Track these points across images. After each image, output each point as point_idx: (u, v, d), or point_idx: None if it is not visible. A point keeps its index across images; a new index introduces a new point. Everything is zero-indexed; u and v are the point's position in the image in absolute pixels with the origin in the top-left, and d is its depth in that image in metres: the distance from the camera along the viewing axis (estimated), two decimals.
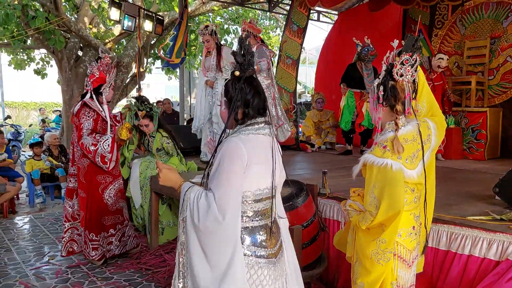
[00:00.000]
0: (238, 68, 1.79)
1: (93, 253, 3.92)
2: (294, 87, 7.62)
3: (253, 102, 1.79)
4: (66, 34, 9.53)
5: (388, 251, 2.01)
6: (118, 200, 4.08)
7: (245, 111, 1.79)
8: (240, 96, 1.77)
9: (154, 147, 4.57)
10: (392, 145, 1.97)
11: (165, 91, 28.78)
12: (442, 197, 3.31)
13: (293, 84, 7.60)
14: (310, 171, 5.04)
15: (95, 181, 3.91)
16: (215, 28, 5.30)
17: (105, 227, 3.99)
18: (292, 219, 3.04)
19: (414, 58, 1.99)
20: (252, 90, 1.79)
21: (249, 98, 1.78)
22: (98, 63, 3.89)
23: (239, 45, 1.80)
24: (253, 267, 1.74)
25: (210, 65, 5.35)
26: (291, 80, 7.59)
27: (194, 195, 1.70)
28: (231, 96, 1.80)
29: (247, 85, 1.79)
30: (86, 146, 3.77)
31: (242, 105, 1.79)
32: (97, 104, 3.86)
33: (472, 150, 6.16)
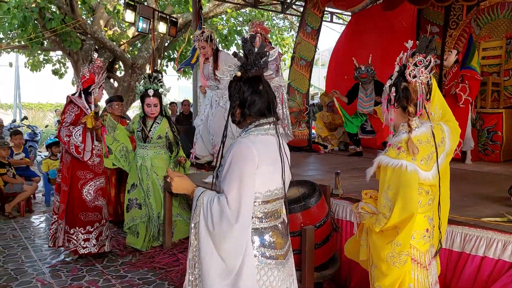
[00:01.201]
0: (240, 69, 1.78)
1: (66, 244, 4.04)
2: (307, 88, 7.62)
3: (252, 102, 1.77)
4: (82, 36, 9.68)
5: (404, 253, 1.99)
6: (97, 197, 4.13)
7: (243, 112, 1.78)
8: (238, 96, 1.77)
9: (156, 133, 4.42)
10: (407, 147, 1.96)
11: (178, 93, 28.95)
12: (456, 198, 3.28)
13: (306, 85, 7.60)
14: (322, 172, 5.03)
15: (76, 176, 4.03)
16: (211, 34, 5.09)
17: (82, 222, 4.04)
18: (305, 219, 3.05)
19: (428, 59, 1.98)
20: (251, 90, 1.76)
21: (246, 98, 1.76)
22: (90, 66, 4.16)
23: (242, 45, 1.78)
24: (263, 269, 1.74)
25: (208, 73, 5.18)
26: (304, 81, 7.59)
27: (207, 200, 1.71)
28: (230, 95, 1.81)
29: (247, 85, 1.77)
30: (62, 137, 3.96)
31: (239, 105, 1.79)
32: (84, 102, 4.05)
33: (487, 152, 6.08)
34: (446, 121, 2.16)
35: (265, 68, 1.81)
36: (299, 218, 3.06)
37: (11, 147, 6.65)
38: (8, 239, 4.92)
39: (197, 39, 5.05)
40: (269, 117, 1.80)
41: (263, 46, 1.83)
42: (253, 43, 1.78)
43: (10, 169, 6.15)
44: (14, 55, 17.16)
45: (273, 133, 1.79)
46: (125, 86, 10.77)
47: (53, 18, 8.46)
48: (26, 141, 10.42)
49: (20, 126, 11.89)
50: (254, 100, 1.77)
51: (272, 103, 1.80)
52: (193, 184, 1.85)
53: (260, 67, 1.79)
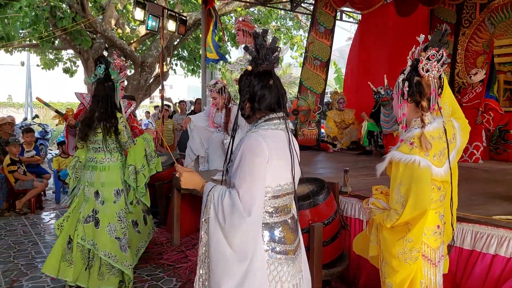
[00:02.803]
0: (251, 63, 1.77)
1: None
2: (322, 88, 7.54)
3: (262, 96, 1.76)
4: (92, 34, 9.75)
5: (415, 250, 1.97)
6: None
7: (253, 106, 1.78)
8: (248, 90, 1.77)
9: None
10: (420, 142, 1.94)
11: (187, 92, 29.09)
12: (467, 197, 3.25)
13: (321, 85, 7.53)
14: (331, 170, 5.01)
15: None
16: (224, 86, 4.95)
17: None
18: (313, 216, 3.04)
19: (440, 53, 1.96)
20: (261, 85, 1.76)
21: (256, 92, 1.76)
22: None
23: (254, 40, 1.77)
24: (273, 263, 1.74)
25: (220, 123, 5.03)
26: (319, 81, 7.53)
27: (218, 194, 1.70)
28: (240, 89, 1.80)
29: (257, 79, 1.77)
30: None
31: (249, 100, 1.78)
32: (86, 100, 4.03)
33: (499, 151, 6.01)
34: (457, 118, 2.14)
35: (276, 63, 1.81)
36: (307, 215, 3.05)
37: (22, 144, 6.72)
38: (19, 235, 4.97)
39: (209, 88, 4.96)
40: (278, 112, 1.79)
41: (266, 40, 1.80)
42: (265, 38, 1.77)
43: (21, 166, 6.22)
44: (25, 54, 17.37)
45: (282, 128, 1.78)
46: (134, 84, 10.83)
47: (64, 16, 8.54)
48: (37, 139, 10.52)
49: (31, 125, 12.03)
50: (264, 95, 1.77)
51: (282, 97, 1.80)
52: (203, 179, 1.84)
53: (271, 61, 1.79)
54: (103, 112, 3.36)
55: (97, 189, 3.41)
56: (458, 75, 7.23)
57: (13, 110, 22.59)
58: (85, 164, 3.50)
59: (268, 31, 1.82)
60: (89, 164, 3.45)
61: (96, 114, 3.36)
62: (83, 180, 3.48)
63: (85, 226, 3.33)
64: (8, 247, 4.50)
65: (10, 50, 11.18)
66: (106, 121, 3.36)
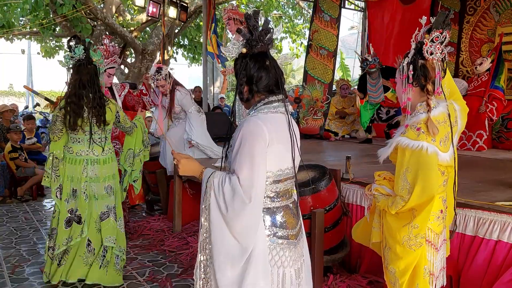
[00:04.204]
0: (245, 45, 1.73)
1: None
2: (330, 78, 7.45)
3: (259, 78, 1.73)
4: (93, 21, 9.68)
5: (420, 236, 1.96)
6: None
7: (251, 88, 1.74)
8: (245, 73, 1.73)
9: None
10: (426, 127, 1.91)
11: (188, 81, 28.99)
12: (470, 184, 3.23)
13: (329, 75, 7.44)
14: (333, 158, 4.99)
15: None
16: (169, 71, 4.63)
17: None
18: (315, 202, 3.03)
19: (444, 35, 1.92)
20: (257, 66, 1.72)
21: (253, 74, 1.72)
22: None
23: (246, 21, 1.73)
24: (275, 248, 1.72)
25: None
26: (327, 71, 7.43)
27: (217, 181, 1.67)
28: (237, 73, 1.76)
29: (253, 61, 1.73)
30: None
31: (246, 82, 1.74)
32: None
33: (501, 139, 5.98)
34: (455, 100, 2.11)
35: (270, 44, 1.77)
36: (309, 201, 3.04)
37: (23, 131, 6.71)
38: (21, 222, 4.98)
39: (154, 78, 4.57)
40: (277, 94, 1.76)
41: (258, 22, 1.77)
42: (257, 19, 1.73)
43: (22, 154, 6.21)
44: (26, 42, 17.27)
45: (282, 111, 1.75)
46: (135, 72, 10.77)
47: (64, 3, 8.46)
48: (38, 128, 10.53)
49: (32, 113, 12.01)
50: (261, 76, 1.73)
51: (280, 78, 1.76)
52: (201, 166, 1.81)
53: (266, 43, 1.74)
54: (92, 99, 3.08)
55: (109, 183, 3.26)
56: (463, 63, 7.15)
57: (14, 99, 22.57)
58: (74, 158, 3.16)
59: (260, 12, 1.78)
60: (85, 158, 3.16)
61: (84, 100, 3.06)
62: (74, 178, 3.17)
63: (102, 223, 3.20)
64: (10, 233, 4.51)
65: (10, 38, 11.12)
66: (97, 109, 3.11)
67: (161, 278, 3.37)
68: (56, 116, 3.09)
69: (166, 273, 3.49)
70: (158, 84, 4.55)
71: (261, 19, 1.76)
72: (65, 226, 3.15)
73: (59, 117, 3.09)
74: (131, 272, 3.51)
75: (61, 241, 3.15)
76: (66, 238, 3.15)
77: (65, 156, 3.19)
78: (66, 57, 3.16)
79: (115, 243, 3.23)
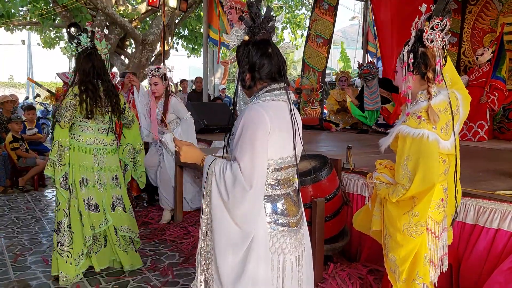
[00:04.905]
0: (247, 32, 1.72)
1: None
2: (323, 66, 7.45)
3: (262, 65, 1.72)
4: (93, 11, 9.63)
5: (421, 224, 1.97)
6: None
7: (253, 75, 1.74)
8: (247, 60, 1.72)
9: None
10: (427, 115, 1.91)
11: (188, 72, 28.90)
12: (471, 173, 3.24)
13: (323, 63, 7.43)
14: (334, 148, 4.99)
15: None
16: (168, 72, 4.42)
17: None
18: (315, 192, 3.04)
19: (444, 22, 1.91)
20: (260, 53, 1.72)
21: (255, 61, 1.72)
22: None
23: (248, 8, 1.72)
24: (275, 235, 1.73)
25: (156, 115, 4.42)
26: (321, 59, 7.42)
27: (218, 168, 1.67)
28: (239, 60, 1.75)
29: (255, 48, 1.72)
30: None
31: (249, 69, 1.74)
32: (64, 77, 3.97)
33: (503, 130, 5.97)
34: (458, 89, 2.11)
35: (272, 32, 1.76)
36: (309, 191, 3.04)
37: (24, 122, 6.71)
38: (22, 211, 5.01)
39: (150, 74, 4.32)
40: (280, 82, 1.76)
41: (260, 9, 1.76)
42: (259, 7, 1.72)
43: (23, 144, 6.22)
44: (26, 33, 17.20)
45: (284, 99, 1.75)
46: (135, 62, 10.74)
47: None
48: (39, 118, 10.53)
49: (33, 104, 12.00)
50: (263, 64, 1.72)
51: (282, 66, 1.76)
52: (202, 153, 1.82)
53: (268, 30, 1.74)
54: (108, 87, 3.11)
55: (115, 173, 3.28)
56: (464, 53, 7.11)
57: (15, 90, 22.52)
58: (84, 147, 3.13)
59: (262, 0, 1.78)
60: (95, 147, 3.16)
61: (100, 89, 3.08)
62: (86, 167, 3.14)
63: (113, 214, 3.22)
64: (12, 223, 4.53)
65: (10, 28, 11.07)
66: (113, 97, 3.13)
67: (163, 267, 3.39)
68: (69, 103, 3.01)
69: (167, 262, 3.51)
70: (152, 81, 4.31)
71: (263, 7, 1.75)
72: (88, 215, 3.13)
73: (72, 103, 3.01)
74: None
75: (89, 232, 3.12)
76: (91, 225, 3.14)
77: (73, 144, 3.12)
78: (70, 45, 3.10)
79: (128, 232, 3.30)
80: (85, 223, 3.11)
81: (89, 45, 3.09)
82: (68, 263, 3.07)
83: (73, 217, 3.10)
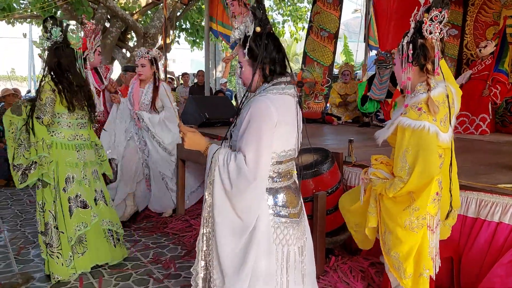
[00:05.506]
0: (258, 24, 1.72)
1: None
2: (330, 61, 7.39)
3: (278, 58, 1.74)
4: (94, 4, 9.59)
5: (422, 217, 1.98)
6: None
7: (271, 68, 1.75)
8: (266, 53, 1.72)
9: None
10: (427, 107, 1.91)
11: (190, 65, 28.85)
12: (473, 167, 3.24)
13: (329, 58, 7.38)
14: (336, 141, 4.99)
15: None
16: (159, 57, 4.27)
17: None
18: (317, 185, 3.04)
19: (443, 14, 1.92)
20: (274, 46, 1.74)
21: (274, 55, 1.73)
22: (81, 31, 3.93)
23: (256, 1, 1.73)
24: (279, 227, 1.75)
25: (140, 100, 4.19)
26: (327, 53, 7.37)
27: (223, 158, 1.68)
28: (256, 54, 1.73)
29: (271, 40, 1.73)
30: None
31: (270, 62, 1.74)
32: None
33: (505, 123, 5.95)
34: (450, 83, 2.12)
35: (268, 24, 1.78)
36: (311, 184, 3.05)
37: None
38: (25, 204, 5.03)
39: (139, 55, 4.16)
40: (286, 76, 1.77)
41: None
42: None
43: None
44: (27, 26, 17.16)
45: (289, 93, 1.76)
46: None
47: None
48: None
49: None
50: (279, 56, 1.75)
51: (287, 59, 1.77)
52: (207, 141, 1.82)
53: (269, 22, 1.75)
54: (80, 82, 3.04)
55: (95, 168, 3.26)
56: (467, 46, 7.07)
57: (17, 84, 22.54)
58: (66, 144, 3.07)
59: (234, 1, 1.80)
60: (76, 143, 3.11)
61: (73, 84, 3.00)
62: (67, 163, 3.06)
63: (96, 208, 3.20)
64: (15, 216, 4.56)
65: (12, 21, 11.05)
66: (85, 92, 3.07)
67: (165, 259, 3.41)
68: (49, 98, 2.93)
69: (169, 254, 3.53)
70: (140, 62, 4.13)
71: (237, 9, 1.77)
72: (70, 216, 3.05)
73: (52, 98, 2.95)
74: (135, 253, 3.55)
75: (72, 232, 3.04)
76: (77, 225, 3.07)
77: (54, 142, 3.04)
78: (41, 38, 3.04)
79: (109, 225, 3.27)
80: (69, 224, 3.03)
81: (59, 40, 3.02)
82: (60, 264, 3.02)
83: (60, 217, 3.04)
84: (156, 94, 4.16)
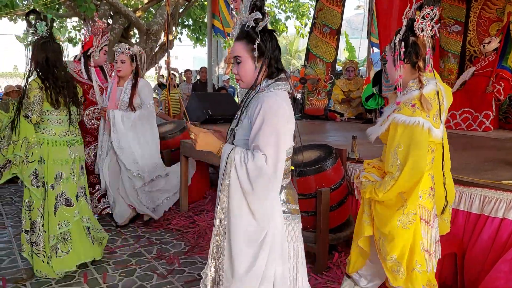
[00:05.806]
0: (261, 20, 1.70)
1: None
2: (333, 57, 7.38)
3: (277, 54, 1.74)
4: (97, 1, 9.59)
5: (412, 212, 1.99)
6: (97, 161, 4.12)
7: (275, 65, 1.74)
8: (272, 50, 1.72)
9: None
10: (420, 104, 1.93)
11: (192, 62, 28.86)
12: (477, 163, 3.24)
13: (332, 54, 7.37)
14: (339, 138, 4.99)
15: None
16: (141, 55, 4.10)
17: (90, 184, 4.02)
18: (320, 181, 3.05)
19: (434, 12, 1.93)
20: (275, 42, 1.73)
21: (277, 51, 1.73)
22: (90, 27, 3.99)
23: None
24: (290, 224, 1.76)
25: (118, 99, 3.99)
26: (330, 50, 7.36)
27: (239, 157, 1.63)
28: (263, 49, 1.70)
29: (271, 37, 1.73)
30: None
31: (273, 59, 1.73)
32: (80, 67, 3.99)
33: (508, 119, 5.93)
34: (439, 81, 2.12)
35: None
36: (315, 181, 3.05)
37: None
38: None
39: (120, 50, 3.95)
40: (284, 72, 1.77)
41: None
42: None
43: None
44: None
45: (287, 89, 1.75)
46: None
47: None
48: None
49: None
50: (278, 53, 1.75)
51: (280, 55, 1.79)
52: (219, 141, 1.75)
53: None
54: (66, 78, 3.01)
55: (82, 163, 3.24)
56: (470, 43, 7.05)
57: (20, 80, 22.56)
58: (57, 140, 3.04)
59: None
60: (68, 139, 3.08)
61: (59, 80, 2.96)
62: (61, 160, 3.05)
63: (77, 204, 3.15)
64: (19, 212, 4.58)
65: (14, 18, 11.06)
66: (71, 88, 3.05)
67: (169, 255, 3.43)
68: (37, 96, 2.89)
69: (173, 250, 3.54)
70: (119, 58, 3.93)
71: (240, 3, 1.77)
72: (54, 213, 3.02)
73: (40, 96, 2.91)
74: (139, 249, 3.57)
75: (54, 230, 3.02)
76: (59, 223, 3.04)
77: (45, 139, 3.00)
78: (25, 33, 2.97)
79: (88, 222, 3.24)
80: (52, 222, 3.01)
81: (45, 34, 2.96)
82: (45, 262, 3.00)
83: (45, 215, 3.02)
84: (134, 91, 3.99)
